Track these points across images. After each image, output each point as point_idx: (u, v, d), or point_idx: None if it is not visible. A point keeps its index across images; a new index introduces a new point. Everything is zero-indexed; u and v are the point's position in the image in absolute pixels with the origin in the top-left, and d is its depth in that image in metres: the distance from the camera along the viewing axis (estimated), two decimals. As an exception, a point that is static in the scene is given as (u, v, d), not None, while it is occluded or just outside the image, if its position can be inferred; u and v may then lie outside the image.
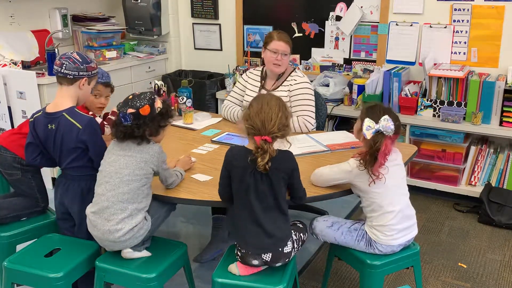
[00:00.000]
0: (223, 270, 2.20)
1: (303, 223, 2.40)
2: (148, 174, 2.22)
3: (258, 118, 2.05)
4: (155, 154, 2.22)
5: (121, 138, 2.20)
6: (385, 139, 2.16)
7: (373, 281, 2.32)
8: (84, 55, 2.42)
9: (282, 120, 2.06)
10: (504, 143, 3.77)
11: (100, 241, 2.28)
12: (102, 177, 2.24)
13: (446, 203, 3.84)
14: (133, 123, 2.16)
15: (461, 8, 3.76)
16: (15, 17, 4.14)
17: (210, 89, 4.50)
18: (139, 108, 2.16)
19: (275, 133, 2.04)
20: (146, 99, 2.19)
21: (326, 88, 4.10)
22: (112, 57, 4.51)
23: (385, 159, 2.18)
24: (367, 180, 2.22)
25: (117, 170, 2.19)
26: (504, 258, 3.13)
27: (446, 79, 3.67)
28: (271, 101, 2.09)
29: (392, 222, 2.26)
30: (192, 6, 4.87)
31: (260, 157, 2.00)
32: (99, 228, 2.22)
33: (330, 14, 4.27)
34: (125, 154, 2.21)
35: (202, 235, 3.38)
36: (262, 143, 2.01)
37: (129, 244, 2.24)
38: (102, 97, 2.72)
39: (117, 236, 2.19)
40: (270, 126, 2.03)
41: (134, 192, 2.19)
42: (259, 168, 2.01)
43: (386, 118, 2.15)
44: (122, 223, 2.19)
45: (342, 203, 3.58)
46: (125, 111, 2.16)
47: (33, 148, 2.45)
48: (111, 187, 2.19)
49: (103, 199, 2.20)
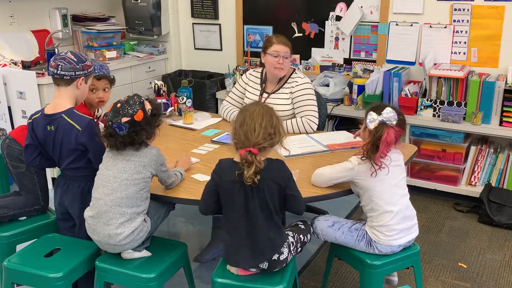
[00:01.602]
0: (223, 270, 2.20)
1: (306, 223, 2.38)
2: (147, 178, 2.21)
3: (241, 131, 2.01)
4: (153, 158, 2.20)
5: (121, 148, 2.16)
6: (387, 128, 2.18)
7: (373, 281, 2.32)
8: (78, 54, 2.41)
9: (267, 129, 2.00)
10: (504, 143, 3.77)
11: (100, 245, 2.28)
12: (100, 180, 2.22)
13: (446, 203, 3.84)
14: (130, 131, 2.12)
15: (461, 8, 3.76)
16: (15, 17, 4.15)
17: (210, 89, 4.50)
18: (133, 115, 2.12)
19: (260, 144, 1.99)
20: (137, 104, 2.15)
21: (326, 88, 4.10)
22: (112, 57, 4.51)
23: (387, 149, 2.18)
24: (368, 175, 2.23)
25: (115, 174, 2.17)
26: (504, 258, 3.13)
27: (446, 79, 3.67)
28: (254, 112, 2.03)
29: (391, 222, 2.27)
30: (192, 6, 4.87)
31: (246, 170, 1.95)
32: (99, 232, 2.21)
33: (330, 14, 4.27)
34: (123, 158, 2.19)
35: (202, 235, 3.38)
36: (247, 155, 1.96)
37: (129, 247, 2.24)
38: (99, 90, 2.69)
39: (117, 240, 2.18)
40: (254, 137, 1.98)
41: (133, 196, 2.18)
42: (246, 181, 1.95)
43: (389, 110, 2.20)
44: (122, 227, 2.17)
45: (342, 203, 3.58)
46: (118, 121, 2.11)
47: (32, 149, 2.44)
48: (109, 191, 2.17)
49: (101, 203, 2.18)
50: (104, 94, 2.71)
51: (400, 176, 2.33)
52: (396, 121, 2.20)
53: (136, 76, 4.60)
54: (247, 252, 2.09)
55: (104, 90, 2.71)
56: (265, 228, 2.07)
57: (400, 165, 2.34)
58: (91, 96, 2.67)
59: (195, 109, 3.50)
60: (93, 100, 2.69)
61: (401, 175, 2.34)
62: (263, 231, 2.07)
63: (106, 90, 2.72)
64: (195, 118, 3.31)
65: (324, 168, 2.38)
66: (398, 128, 2.22)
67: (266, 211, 2.05)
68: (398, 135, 2.23)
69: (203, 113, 3.45)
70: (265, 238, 2.08)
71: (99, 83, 2.67)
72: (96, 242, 2.29)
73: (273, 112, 2.09)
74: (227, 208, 2.11)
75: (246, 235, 2.07)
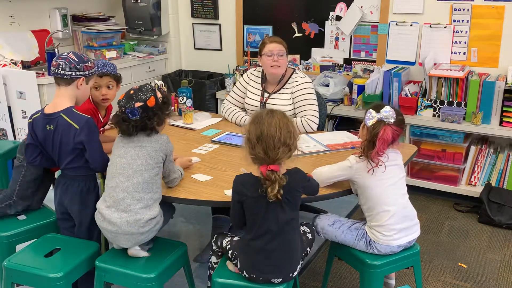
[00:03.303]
0: (223, 270, 2.21)
1: (313, 233, 2.36)
2: (159, 163, 2.24)
3: (260, 147, 1.96)
4: (164, 143, 2.26)
5: (133, 133, 2.22)
6: (384, 125, 2.19)
7: (373, 281, 2.32)
8: (80, 54, 2.42)
9: (286, 142, 1.98)
10: (504, 143, 3.77)
11: (114, 237, 2.23)
12: (114, 169, 2.23)
13: (446, 203, 3.84)
14: (143, 116, 2.19)
15: (461, 8, 3.76)
16: (15, 17, 4.14)
17: (210, 89, 4.50)
18: (146, 100, 2.20)
19: (280, 159, 1.98)
20: (149, 90, 2.24)
21: (326, 88, 4.10)
22: (112, 57, 4.51)
23: (384, 146, 2.19)
24: (366, 174, 2.23)
25: (129, 161, 2.21)
26: (504, 258, 3.13)
27: (446, 79, 3.67)
28: (271, 125, 1.97)
29: (389, 222, 2.27)
30: (192, 6, 4.87)
31: (270, 188, 1.94)
32: (115, 221, 2.18)
33: (330, 14, 4.27)
34: (135, 145, 2.23)
35: (202, 235, 3.38)
36: (269, 174, 1.94)
37: (144, 238, 2.23)
38: (102, 87, 2.70)
39: (137, 226, 2.17)
40: (274, 154, 1.96)
41: (149, 181, 2.20)
42: (270, 199, 1.95)
43: (388, 108, 2.22)
44: (140, 213, 2.18)
45: (342, 203, 3.58)
46: (132, 106, 2.18)
47: (33, 148, 2.45)
48: (125, 178, 2.19)
49: (118, 191, 2.19)
50: (107, 91, 2.71)
51: (399, 176, 2.33)
52: (394, 119, 2.21)
53: (136, 76, 4.60)
54: (275, 265, 2.07)
55: (108, 87, 2.71)
56: (289, 238, 2.08)
57: (398, 164, 2.34)
58: (95, 94, 2.69)
59: (195, 109, 3.50)
60: (98, 97, 2.71)
61: (400, 175, 2.34)
62: (287, 241, 2.07)
63: (110, 87, 2.72)
64: (195, 118, 3.31)
65: (323, 167, 2.39)
66: (396, 127, 2.23)
67: (292, 223, 2.07)
68: (396, 134, 2.24)
69: (203, 113, 3.45)
70: (287, 248, 2.08)
71: (101, 80, 2.68)
72: (109, 235, 2.24)
73: (287, 119, 2.04)
74: (253, 224, 2.07)
75: (270, 249, 2.06)
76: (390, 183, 2.28)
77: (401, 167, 2.36)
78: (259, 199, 2.00)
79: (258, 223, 2.05)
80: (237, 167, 2.48)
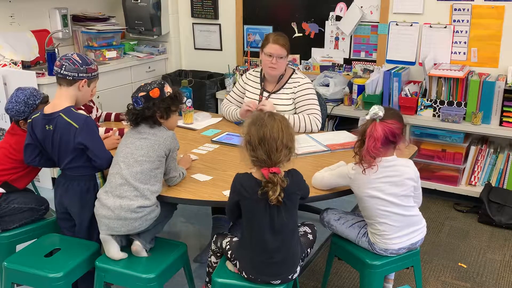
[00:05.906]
0: (223, 270, 2.21)
1: (314, 234, 2.34)
2: (161, 158, 2.27)
3: (262, 149, 1.95)
4: (168, 138, 2.29)
5: (135, 122, 2.30)
6: (373, 122, 2.12)
7: (373, 281, 2.32)
8: (84, 56, 2.43)
9: (287, 145, 1.98)
10: (504, 143, 3.77)
11: (109, 223, 2.23)
12: (118, 157, 2.29)
13: (446, 203, 3.84)
14: (144, 105, 2.26)
15: (461, 8, 3.76)
16: (15, 17, 4.14)
17: (210, 89, 4.50)
18: (149, 90, 2.28)
19: (282, 161, 1.99)
20: (156, 83, 2.33)
21: (326, 88, 4.10)
22: (112, 57, 4.51)
23: (376, 144, 2.08)
24: (362, 183, 2.21)
25: (132, 151, 2.27)
26: (504, 258, 3.13)
27: (446, 79, 3.67)
28: (274, 129, 1.96)
29: (386, 232, 2.26)
30: (192, 6, 4.86)
31: (271, 191, 1.93)
32: (110, 205, 2.21)
33: (330, 14, 4.27)
34: (140, 137, 2.29)
35: (202, 235, 3.38)
36: (271, 176, 1.94)
37: (138, 226, 2.24)
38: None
39: (129, 210, 2.19)
40: (276, 157, 1.96)
41: (147, 173, 2.23)
42: (271, 201, 1.94)
43: (376, 106, 2.14)
44: (135, 200, 2.21)
45: (342, 203, 3.57)
46: (136, 95, 2.29)
47: (32, 148, 2.45)
48: (126, 166, 2.24)
49: (117, 177, 2.25)
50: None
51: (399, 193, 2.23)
52: (383, 112, 2.11)
53: (136, 76, 4.59)
54: (274, 267, 2.07)
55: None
56: (288, 239, 2.08)
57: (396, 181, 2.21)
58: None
59: (195, 109, 3.50)
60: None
61: (401, 192, 2.24)
62: (286, 243, 2.07)
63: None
64: (195, 118, 3.31)
65: (324, 172, 2.38)
66: (392, 121, 2.12)
67: (291, 225, 2.07)
68: (389, 130, 2.11)
69: (203, 113, 3.45)
70: (287, 249, 2.08)
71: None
72: (104, 221, 2.24)
73: (287, 121, 2.04)
74: (251, 225, 2.07)
75: (269, 250, 2.05)
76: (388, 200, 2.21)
77: (403, 183, 2.25)
78: (258, 201, 2.00)
79: (257, 224, 2.04)
80: (237, 167, 2.48)
